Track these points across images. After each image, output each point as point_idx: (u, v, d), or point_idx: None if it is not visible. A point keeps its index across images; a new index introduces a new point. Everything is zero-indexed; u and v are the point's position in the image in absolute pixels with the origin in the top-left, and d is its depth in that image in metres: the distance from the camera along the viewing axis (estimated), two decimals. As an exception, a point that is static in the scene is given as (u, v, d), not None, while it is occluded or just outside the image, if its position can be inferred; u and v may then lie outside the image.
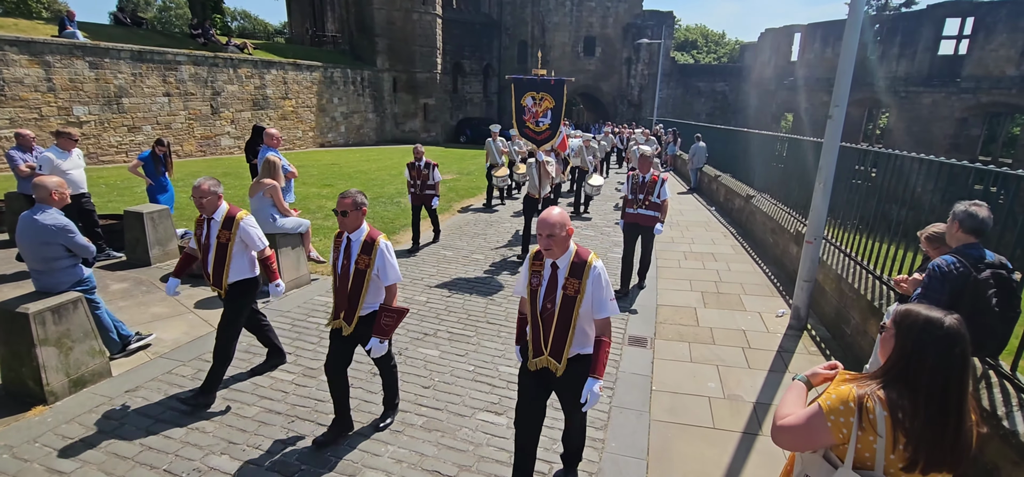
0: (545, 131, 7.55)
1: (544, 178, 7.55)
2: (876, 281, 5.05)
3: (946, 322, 1.54)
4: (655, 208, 6.35)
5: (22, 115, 13.61)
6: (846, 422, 1.58)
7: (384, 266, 3.37)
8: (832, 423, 1.60)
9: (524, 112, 7.52)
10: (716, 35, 59.48)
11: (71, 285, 4.13)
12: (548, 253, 2.69)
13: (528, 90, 7.41)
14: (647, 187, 6.35)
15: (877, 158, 5.58)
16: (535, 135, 7.60)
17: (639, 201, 6.39)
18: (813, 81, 25.74)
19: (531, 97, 7.37)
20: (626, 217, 6.58)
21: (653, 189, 6.31)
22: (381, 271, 3.38)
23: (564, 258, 2.71)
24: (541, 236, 2.62)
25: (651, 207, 6.34)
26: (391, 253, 3.42)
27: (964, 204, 2.91)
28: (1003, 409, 3.02)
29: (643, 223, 6.45)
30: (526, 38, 34.53)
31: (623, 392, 4.38)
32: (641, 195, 6.37)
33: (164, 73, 17.13)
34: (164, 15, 51.44)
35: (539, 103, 7.41)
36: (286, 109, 22.36)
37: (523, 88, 7.49)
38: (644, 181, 6.38)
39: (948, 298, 2.78)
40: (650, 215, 6.39)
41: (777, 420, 1.77)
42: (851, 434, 1.57)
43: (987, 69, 19.73)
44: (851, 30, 4.90)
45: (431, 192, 8.19)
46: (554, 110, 7.42)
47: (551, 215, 2.62)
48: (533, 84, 7.40)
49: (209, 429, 3.67)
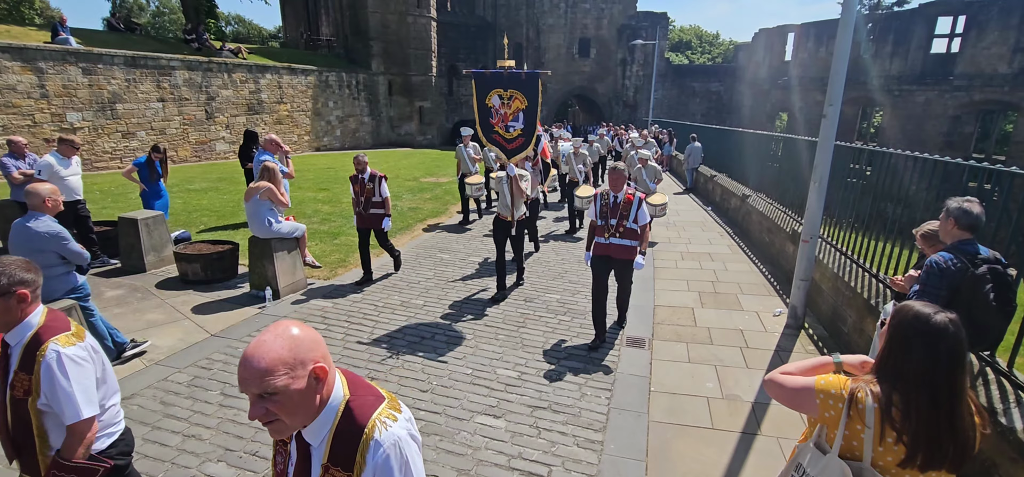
0: (517, 138, 6.01)
1: (517, 196, 6.18)
2: (872, 279, 5.06)
3: (934, 318, 1.55)
4: (631, 236, 4.99)
5: (15, 122, 13.51)
6: (834, 406, 1.63)
7: (56, 391, 1.96)
8: (821, 400, 1.67)
9: (491, 114, 6.01)
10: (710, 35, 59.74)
11: (65, 292, 4.10)
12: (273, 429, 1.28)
13: (493, 87, 5.91)
14: (620, 209, 4.98)
15: (871, 156, 5.61)
16: (505, 143, 6.07)
17: (610, 228, 5.01)
18: (807, 80, 25.87)
19: (498, 96, 5.91)
20: (594, 248, 5.18)
21: (628, 211, 4.95)
22: (52, 400, 1.98)
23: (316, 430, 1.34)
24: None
25: (627, 235, 4.98)
26: (77, 366, 2.01)
27: (957, 201, 2.93)
28: (1000, 405, 3.03)
29: (617, 256, 5.07)
30: (521, 40, 34.58)
31: (621, 393, 4.37)
32: (613, 219, 5.00)
33: (158, 78, 17.05)
34: (158, 21, 51.29)
35: (508, 103, 5.92)
36: (281, 113, 22.29)
37: (487, 85, 5.96)
38: (616, 202, 5.01)
39: (946, 294, 2.79)
40: (625, 245, 5.01)
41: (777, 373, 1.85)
42: (840, 421, 1.61)
43: (979, 67, 19.86)
44: (844, 29, 4.93)
45: (379, 212, 6.71)
46: (527, 111, 5.90)
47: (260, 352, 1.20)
48: (499, 79, 5.87)
49: (205, 436, 3.65)
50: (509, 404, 4.15)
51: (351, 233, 9.13)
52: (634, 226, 4.99)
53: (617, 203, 5.01)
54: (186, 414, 3.90)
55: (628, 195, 5.01)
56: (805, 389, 1.73)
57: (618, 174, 5.02)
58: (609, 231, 5.03)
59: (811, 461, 1.72)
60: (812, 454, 1.73)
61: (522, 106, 5.92)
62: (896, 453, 1.54)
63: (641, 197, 5.04)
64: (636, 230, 5.00)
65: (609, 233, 5.03)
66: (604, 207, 5.08)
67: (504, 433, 3.79)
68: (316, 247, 8.16)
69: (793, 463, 1.82)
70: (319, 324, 5.53)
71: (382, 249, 7.33)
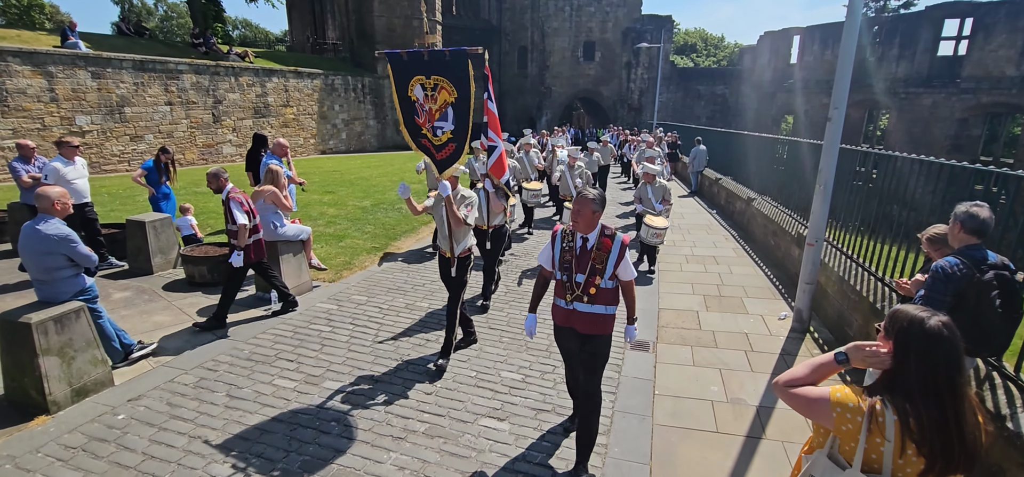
0: (447, 145, 4.47)
1: (494, 207, 5.81)
2: (878, 283, 5.04)
3: (928, 322, 1.54)
4: (608, 299, 3.25)
5: (25, 126, 13.67)
6: (852, 419, 1.60)
7: None
8: (837, 414, 1.63)
9: (415, 111, 4.51)
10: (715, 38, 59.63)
11: (73, 295, 4.14)
12: None
13: (415, 74, 4.40)
14: (591, 258, 3.21)
15: (877, 160, 5.59)
16: (434, 150, 4.55)
17: (575, 286, 3.23)
18: (812, 83, 25.77)
19: (420, 85, 4.40)
20: (556, 315, 3.43)
21: (604, 263, 3.18)
22: None
23: None
24: None
25: (601, 298, 3.22)
26: None
27: (965, 205, 2.91)
28: (1007, 411, 3.01)
29: (585, 329, 3.28)
30: (526, 43, 34.65)
31: (626, 396, 4.37)
32: (580, 275, 3.22)
33: (166, 82, 17.21)
34: (166, 25, 51.74)
35: (432, 95, 4.37)
36: (287, 117, 22.43)
37: (406, 72, 4.43)
38: (589, 247, 3.22)
39: (951, 299, 2.78)
40: (598, 314, 3.24)
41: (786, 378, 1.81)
42: (860, 435, 1.58)
43: (987, 69, 19.73)
44: (849, 32, 4.91)
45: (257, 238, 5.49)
46: (458, 107, 4.32)
47: None
48: (419, 63, 4.37)
49: (211, 438, 3.67)
50: (513, 407, 4.16)
51: (356, 236, 9.18)
52: (609, 284, 3.21)
53: (587, 250, 3.21)
54: (192, 415, 3.93)
55: (606, 241, 3.20)
56: (820, 400, 1.69)
57: (585, 204, 3.13)
58: (573, 290, 3.23)
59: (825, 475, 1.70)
60: (826, 467, 1.70)
61: (450, 99, 4.31)
62: (916, 465, 1.53)
63: (624, 241, 3.23)
64: (612, 289, 3.26)
65: (573, 293, 3.23)
66: (565, 254, 3.26)
67: (508, 435, 3.79)
68: (321, 250, 8.19)
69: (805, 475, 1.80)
70: (324, 326, 5.56)
71: None
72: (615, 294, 3.32)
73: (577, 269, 3.25)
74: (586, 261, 3.23)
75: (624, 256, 3.24)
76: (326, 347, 5.11)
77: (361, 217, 10.67)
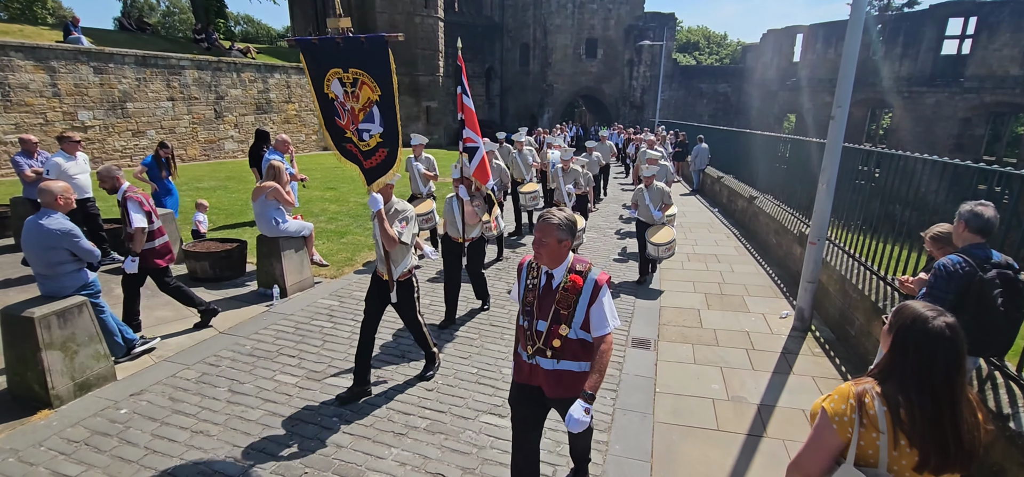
0: (376, 150, 3.76)
1: (468, 218, 5.14)
2: (880, 282, 5.03)
3: (932, 320, 1.53)
4: (577, 353, 2.58)
5: (27, 120, 13.68)
6: (850, 420, 1.59)
7: None
8: (838, 425, 1.60)
9: (335, 111, 3.75)
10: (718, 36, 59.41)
11: (76, 289, 4.15)
12: None
13: (332, 65, 3.62)
14: (556, 299, 2.54)
15: (880, 158, 5.57)
16: (362, 157, 3.83)
17: (536, 335, 2.59)
18: (815, 82, 25.69)
19: (338, 79, 3.63)
20: (516, 370, 2.77)
21: (571, 307, 2.52)
22: None
23: None
24: None
25: (568, 352, 2.57)
26: None
27: (970, 204, 2.91)
28: (1009, 410, 3.00)
29: (552, 393, 2.65)
30: (528, 41, 34.56)
31: (626, 394, 4.37)
32: (542, 320, 2.58)
33: (168, 78, 17.21)
34: (168, 20, 51.71)
35: (354, 92, 3.63)
36: (289, 113, 22.42)
37: (321, 62, 3.66)
38: (554, 287, 2.57)
39: (953, 298, 2.77)
40: (566, 372, 2.61)
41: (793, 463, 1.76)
42: (854, 431, 1.58)
43: (991, 69, 19.64)
44: (853, 30, 4.89)
45: (150, 246, 4.93)
46: (383, 106, 3.63)
47: None
48: (333, 52, 3.59)
49: (213, 432, 3.68)
50: (514, 404, 4.16)
51: (358, 232, 9.19)
52: (582, 337, 2.53)
53: (551, 289, 2.54)
54: (194, 410, 3.94)
55: (574, 279, 2.50)
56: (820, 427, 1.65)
57: (549, 230, 2.46)
58: (534, 342, 2.58)
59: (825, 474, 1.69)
60: None
61: (374, 97, 3.60)
62: (910, 457, 1.53)
63: (600, 281, 2.50)
64: (587, 345, 2.55)
65: (533, 346, 2.58)
66: (528, 294, 2.62)
67: (509, 432, 3.79)
68: (323, 246, 8.20)
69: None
70: (326, 322, 5.56)
71: None
72: (588, 347, 2.57)
73: (539, 314, 2.58)
74: (549, 304, 2.54)
75: (600, 301, 2.48)
76: (328, 343, 5.12)
77: (363, 213, 10.67)
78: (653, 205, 7.07)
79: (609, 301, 2.54)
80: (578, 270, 2.54)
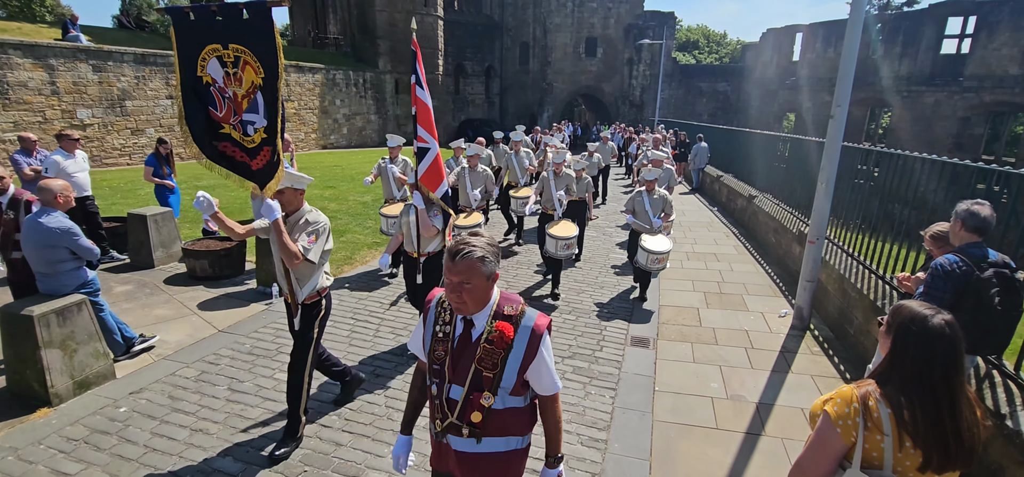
0: (261, 147, 3.07)
1: (424, 229, 4.34)
2: (879, 281, 5.04)
3: (930, 319, 1.54)
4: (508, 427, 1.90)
5: (26, 118, 13.67)
6: (854, 424, 1.58)
7: None
8: (842, 428, 1.59)
9: (211, 100, 3.08)
10: (718, 35, 59.40)
11: (75, 287, 4.15)
12: None
13: (208, 42, 2.94)
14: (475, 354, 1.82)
15: (880, 158, 5.58)
16: (247, 155, 3.13)
17: (448, 406, 1.87)
18: (815, 81, 25.69)
19: (217, 58, 2.96)
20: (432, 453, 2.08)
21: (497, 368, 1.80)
22: None
23: None
24: None
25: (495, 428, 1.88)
26: None
27: (966, 203, 2.91)
28: (1007, 409, 3.01)
29: None
30: (528, 39, 34.54)
31: (626, 393, 4.37)
32: (457, 386, 1.85)
33: (167, 76, 17.19)
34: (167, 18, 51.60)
35: (235, 75, 2.97)
36: (288, 111, 22.41)
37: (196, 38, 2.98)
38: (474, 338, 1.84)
39: (950, 297, 2.78)
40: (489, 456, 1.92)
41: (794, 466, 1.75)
42: (858, 434, 1.57)
43: (990, 68, 19.65)
44: (853, 30, 4.90)
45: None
46: (267, 90, 2.94)
47: None
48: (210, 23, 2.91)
49: (213, 431, 3.69)
50: (513, 402, 4.16)
51: (357, 231, 9.19)
52: (513, 405, 1.89)
53: (470, 342, 1.86)
54: (194, 408, 3.94)
55: (502, 325, 1.83)
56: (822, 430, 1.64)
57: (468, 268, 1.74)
58: (443, 415, 1.91)
59: None
60: None
61: (257, 81, 2.92)
62: (914, 458, 1.53)
63: (538, 329, 1.86)
64: (519, 412, 1.93)
65: (443, 420, 1.91)
66: (437, 346, 1.90)
67: (508, 431, 3.80)
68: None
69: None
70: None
71: None
72: (523, 417, 1.92)
73: (452, 376, 1.83)
74: (467, 363, 1.81)
75: (540, 357, 1.82)
76: (327, 342, 5.11)
77: (362, 212, 10.68)
78: (653, 212, 6.34)
79: (551, 356, 1.89)
80: (507, 315, 1.82)
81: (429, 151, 4.18)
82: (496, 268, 1.81)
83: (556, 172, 6.98)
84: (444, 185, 4.33)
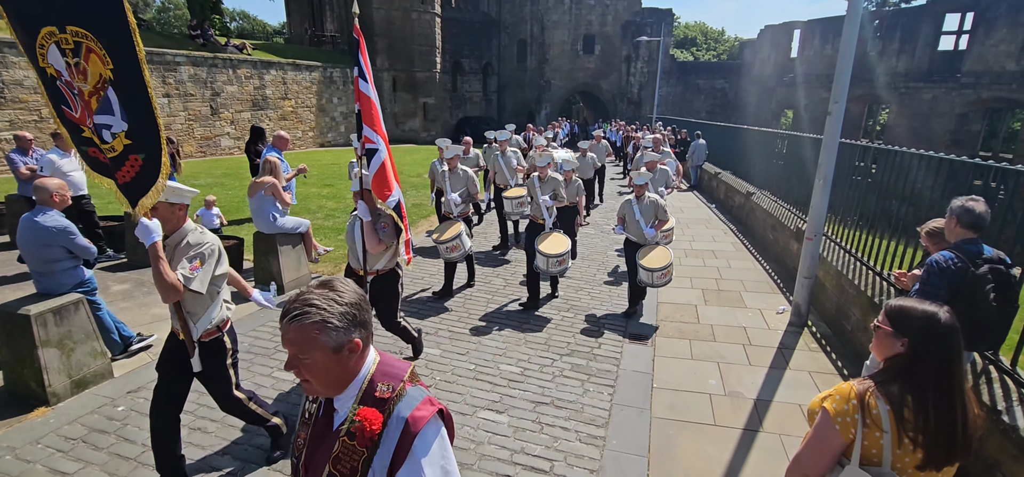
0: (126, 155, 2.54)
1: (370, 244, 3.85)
2: (876, 277, 5.05)
3: (943, 318, 1.56)
4: None
5: (22, 117, 13.61)
6: (853, 421, 1.59)
7: None
8: (840, 425, 1.60)
9: (62, 98, 2.44)
10: (715, 32, 59.41)
11: (72, 287, 4.14)
12: None
13: (43, 25, 2.27)
14: (330, 455, 1.30)
15: (877, 154, 5.59)
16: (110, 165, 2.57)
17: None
18: (813, 77, 25.71)
19: (56, 45, 2.28)
20: None
21: (359, 466, 1.26)
22: None
23: None
24: None
25: None
26: None
27: (961, 200, 2.92)
28: (1003, 404, 3.03)
29: None
30: (525, 36, 34.48)
31: (624, 389, 4.38)
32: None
33: (163, 74, 17.14)
34: (163, 16, 51.42)
35: (77, 64, 2.31)
36: (286, 109, 22.36)
37: (26, 20, 2.32)
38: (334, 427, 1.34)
39: (946, 293, 2.79)
40: None
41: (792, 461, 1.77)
42: (857, 431, 1.58)
43: (987, 64, 19.69)
44: (850, 26, 4.90)
45: None
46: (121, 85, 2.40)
47: None
48: (38, 2, 2.25)
49: (211, 430, 3.68)
50: (512, 399, 4.17)
51: (355, 229, 9.15)
52: None
53: (330, 431, 1.35)
54: (191, 407, 3.93)
55: (368, 412, 1.28)
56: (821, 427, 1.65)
57: (306, 335, 1.22)
58: None
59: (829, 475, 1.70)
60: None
61: (106, 74, 2.38)
62: (914, 456, 1.54)
63: (415, 423, 1.29)
64: None
65: None
66: (301, 431, 1.44)
67: (507, 428, 3.81)
68: (319, 243, 8.18)
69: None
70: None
71: None
72: None
73: (306, 469, 1.39)
74: (322, 461, 1.34)
75: (413, 465, 1.27)
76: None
77: (360, 210, 10.63)
78: (645, 221, 5.75)
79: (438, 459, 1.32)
80: (377, 398, 1.32)
81: (377, 153, 3.67)
82: (354, 335, 1.28)
83: (541, 177, 6.30)
84: (396, 192, 3.79)
